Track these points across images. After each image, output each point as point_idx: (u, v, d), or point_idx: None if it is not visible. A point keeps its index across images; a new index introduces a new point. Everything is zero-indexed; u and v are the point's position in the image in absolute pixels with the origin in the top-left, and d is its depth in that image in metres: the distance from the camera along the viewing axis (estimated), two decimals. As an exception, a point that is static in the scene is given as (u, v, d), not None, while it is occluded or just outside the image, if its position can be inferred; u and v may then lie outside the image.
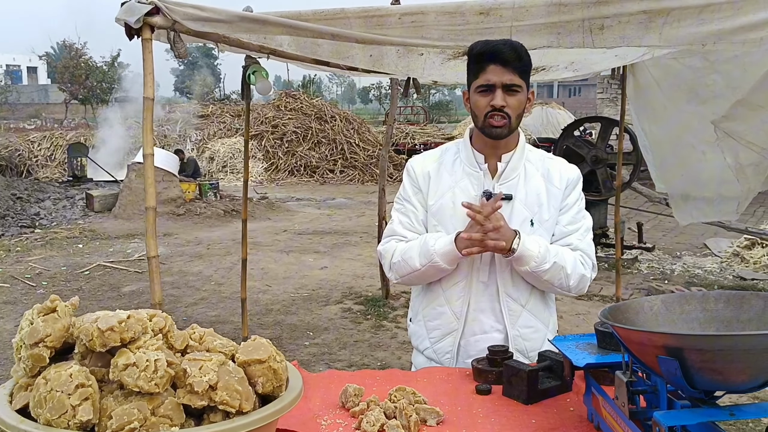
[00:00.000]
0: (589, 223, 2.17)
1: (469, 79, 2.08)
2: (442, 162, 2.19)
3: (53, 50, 41.09)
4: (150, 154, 2.39)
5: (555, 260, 2.02)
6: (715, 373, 1.18)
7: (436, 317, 2.20)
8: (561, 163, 2.19)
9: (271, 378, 1.24)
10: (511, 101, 2.00)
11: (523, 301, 2.13)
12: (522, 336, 2.14)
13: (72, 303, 1.24)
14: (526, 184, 2.10)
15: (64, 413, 1.07)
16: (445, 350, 2.19)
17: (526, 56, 2.01)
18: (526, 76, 2.03)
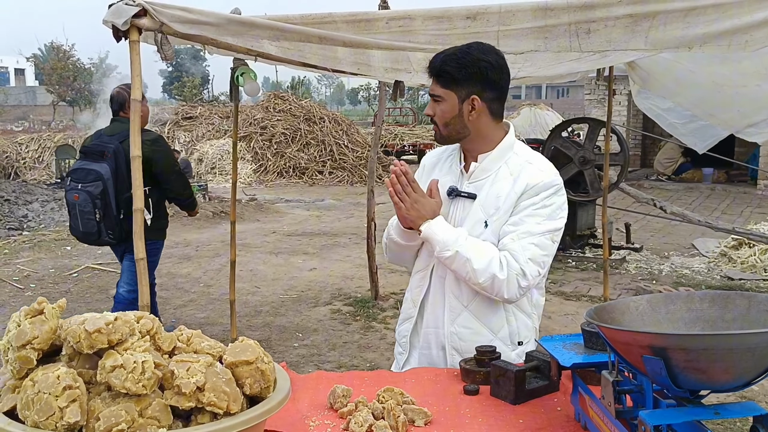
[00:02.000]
0: (535, 228, 2.03)
1: None
2: (441, 157, 2.28)
3: (41, 52, 40.85)
4: (137, 156, 2.38)
5: (458, 250, 2.00)
6: (699, 373, 1.19)
7: (404, 302, 2.32)
8: (535, 168, 2.10)
9: (259, 379, 1.24)
10: (436, 110, 2.10)
11: (466, 300, 2.13)
12: (458, 335, 2.15)
13: (59, 305, 1.24)
14: (492, 186, 2.10)
15: (52, 415, 1.07)
16: (402, 334, 2.29)
17: (446, 66, 2.05)
18: (452, 85, 2.06)
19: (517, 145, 2.18)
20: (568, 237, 8.59)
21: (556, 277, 7.70)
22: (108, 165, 4.31)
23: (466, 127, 2.11)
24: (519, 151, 2.17)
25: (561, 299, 6.79)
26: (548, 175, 2.09)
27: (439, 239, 2.02)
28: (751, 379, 1.22)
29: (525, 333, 2.20)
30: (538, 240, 2.02)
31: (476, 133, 2.12)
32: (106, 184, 4.29)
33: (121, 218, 4.32)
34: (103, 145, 4.44)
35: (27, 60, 39.06)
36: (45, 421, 1.07)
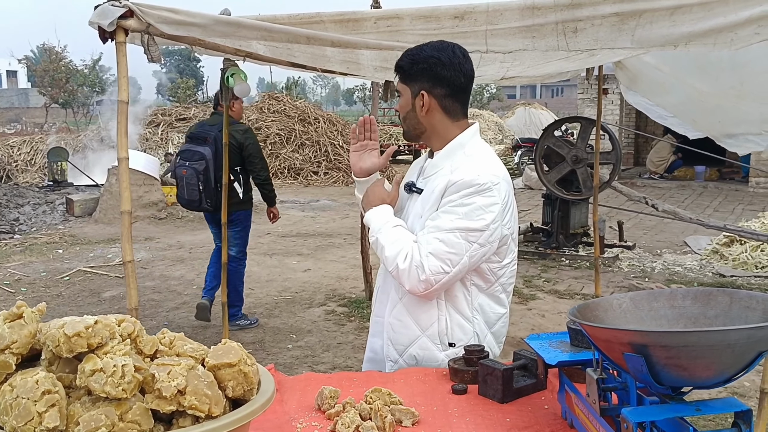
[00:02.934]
0: (445, 224, 1.98)
1: None
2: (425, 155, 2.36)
3: (33, 54, 40.70)
4: (124, 158, 2.38)
5: (378, 237, 2.10)
6: (680, 369, 1.19)
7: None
8: (466, 167, 2.06)
9: (242, 382, 1.24)
10: (398, 104, 2.20)
11: (402, 292, 2.15)
12: (392, 326, 2.19)
13: (39, 309, 1.23)
14: (434, 182, 2.13)
15: (30, 420, 1.07)
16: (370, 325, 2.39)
17: (404, 62, 2.13)
18: (408, 80, 2.13)
19: (470, 145, 2.12)
20: (562, 235, 8.61)
21: (550, 275, 7.71)
22: (209, 148, 5.48)
23: (421, 123, 2.15)
24: (469, 151, 2.11)
25: (554, 297, 6.81)
26: (474, 174, 2.00)
27: (372, 225, 2.13)
28: (732, 375, 1.22)
29: (459, 335, 2.12)
30: (445, 236, 1.97)
31: (431, 130, 2.16)
32: (208, 163, 5.43)
33: (218, 190, 5.31)
34: (206, 132, 5.61)
35: (19, 62, 38.88)
36: (24, 426, 1.06)
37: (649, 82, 4.14)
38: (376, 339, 2.30)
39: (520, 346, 5.04)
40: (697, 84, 3.93)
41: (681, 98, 4.15)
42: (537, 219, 9.65)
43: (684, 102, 4.17)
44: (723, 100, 3.97)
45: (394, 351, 2.19)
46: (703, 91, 4.01)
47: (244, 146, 5.64)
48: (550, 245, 8.66)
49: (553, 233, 8.69)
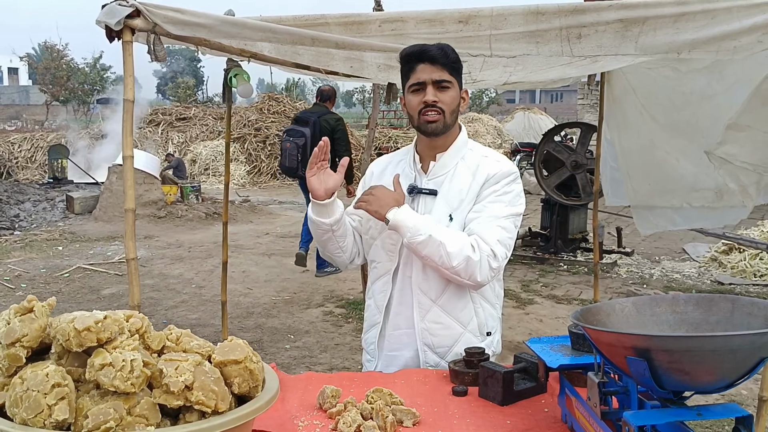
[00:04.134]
0: (499, 212, 2.08)
1: (403, 82, 2.17)
2: (391, 161, 2.32)
3: (34, 51, 40.70)
4: (129, 156, 2.39)
5: (431, 233, 2.00)
6: (682, 374, 1.21)
7: (366, 309, 2.34)
8: (492, 160, 2.18)
9: (248, 378, 1.25)
10: (443, 97, 2.08)
11: (434, 295, 2.15)
12: (429, 330, 2.17)
13: (49, 303, 1.25)
14: (452, 181, 2.15)
15: (40, 412, 1.08)
16: (370, 341, 2.31)
17: (453, 54, 2.09)
18: (456, 74, 2.11)
19: (470, 142, 2.24)
20: (560, 240, 8.62)
21: (548, 280, 7.73)
22: (309, 129, 7.18)
23: (456, 120, 2.16)
24: (473, 147, 2.23)
25: (552, 302, 6.82)
26: (505, 164, 2.16)
27: (409, 225, 2.03)
28: (733, 381, 1.23)
29: (492, 323, 2.23)
30: (504, 223, 2.08)
31: (453, 128, 2.17)
32: (307, 140, 7.11)
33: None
34: (307, 117, 7.40)
35: (20, 59, 38.86)
36: (33, 418, 1.07)
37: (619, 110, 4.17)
38: (403, 353, 2.21)
39: (519, 349, 5.05)
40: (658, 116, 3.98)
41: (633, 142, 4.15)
42: (536, 224, 9.67)
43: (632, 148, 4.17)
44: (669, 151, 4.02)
45: (435, 355, 2.17)
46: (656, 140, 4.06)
47: (335, 131, 7.19)
48: (549, 250, 8.68)
49: (551, 238, 8.71)
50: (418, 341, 2.18)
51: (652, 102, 4.01)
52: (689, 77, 3.77)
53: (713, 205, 4.05)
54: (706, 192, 4.06)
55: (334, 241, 2.26)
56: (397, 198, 2.09)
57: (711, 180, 4.00)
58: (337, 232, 2.23)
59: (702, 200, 4.07)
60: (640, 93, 4.03)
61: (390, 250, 2.19)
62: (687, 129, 3.94)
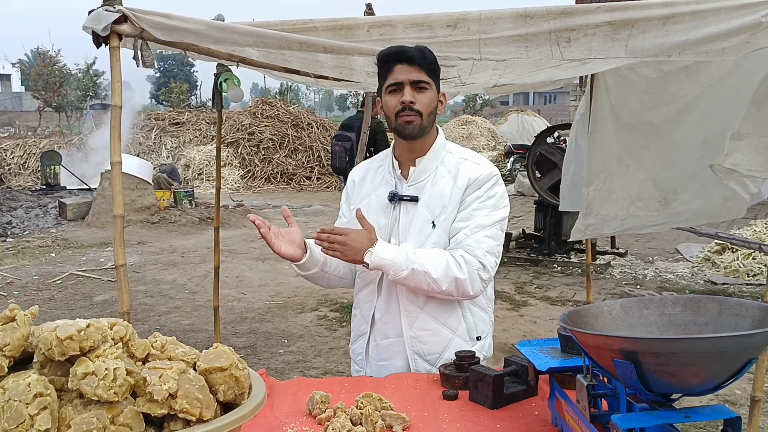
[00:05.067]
0: (484, 220, 2.07)
1: (380, 84, 2.14)
2: (370, 168, 2.29)
3: (27, 57, 40.59)
4: (117, 162, 2.37)
5: (413, 267, 2.00)
6: (670, 376, 1.20)
7: (353, 319, 2.32)
8: (472, 163, 2.16)
9: (233, 386, 1.24)
10: (420, 98, 2.06)
11: (421, 303, 2.14)
12: (418, 338, 2.16)
13: (31, 312, 1.23)
14: (433, 187, 2.13)
15: (22, 423, 1.06)
16: (357, 351, 2.30)
17: (430, 55, 2.07)
18: (433, 75, 2.09)
19: (448, 144, 2.22)
20: (554, 242, 8.63)
21: (542, 282, 7.73)
22: (354, 134, 8.38)
23: (432, 123, 2.13)
24: (452, 150, 2.21)
25: (546, 304, 6.82)
26: (486, 167, 2.15)
27: (389, 263, 2.01)
28: (721, 383, 1.23)
29: (482, 328, 2.22)
30: (491, 231, 2.08)
31: (430, 131, 2.14)
32: (353, 143, 8.40)
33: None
34: (352, 123, 8.72)
35: (13, 65, 38.77)
36: (15, 429, 1.06)
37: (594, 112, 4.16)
38: (393, 362, 2.18)
39: (511, 352, 5.05)
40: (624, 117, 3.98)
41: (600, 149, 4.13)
42: (529, 225, 9.68)
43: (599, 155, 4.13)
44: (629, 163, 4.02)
45: (425, 363, 2.16)
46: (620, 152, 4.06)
47: (376, 132, 8.26)
48: (542, 252, 8.68)
49: (545, 240, 8.71)
50: (407, 350, 2.16)
51: (622, 102, 4.01)
52: (665, 79, 3.78)
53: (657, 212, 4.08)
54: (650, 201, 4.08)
55: (331, 277, 2.28)
56: (369, 237, 2.04)
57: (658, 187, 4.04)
58: (329, 269, 2.25)
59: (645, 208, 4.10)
60: (612, 94, 4.03)
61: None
62: (649, 130, 3.96)
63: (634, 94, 3.96)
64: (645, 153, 4.01)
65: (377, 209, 2.17)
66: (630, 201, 4.12)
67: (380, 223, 2.14)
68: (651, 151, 3.97)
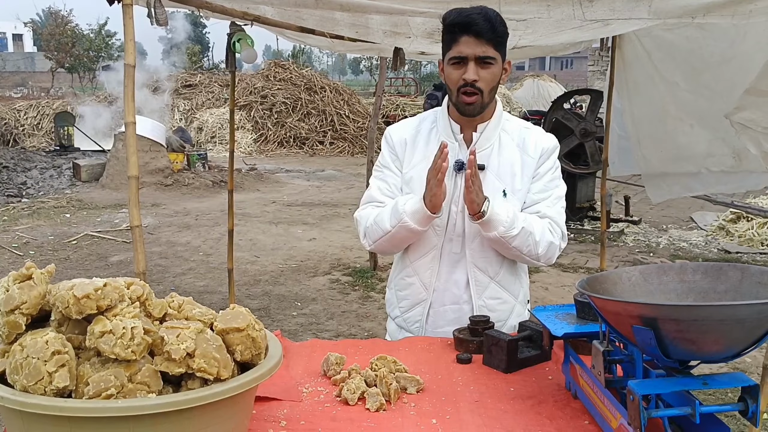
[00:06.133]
0: (561, 191, 2.13)
1: (443, 49, 2.03)
2: (420, 131, 2.17)
3: (39, 17, 40.43)
4: (132, 123, 2.36)
5: (523, 225, 1.99)
6: (689, 343, 1.19)
7: (406, 287, 2.22)
8: (537, 132, 2.15)
9: (250, 346, 1.25)
10: (484, 74, 1.95)
11: (492, 272, 2.12)
12: (488, 307, 2.14)
13: (48, 270, 1.24)
14: (500, 155, 2.08)
15: (41, 380, 1.07)
16: (414, 319, 2.22)
17: (501, 27, 1.94)
18: (501, 47, 1.97)
19: (504, 112, 2.17)
20: (567, 209, 8.58)
21: (555, 248, 7.71)
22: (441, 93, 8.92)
23: (494, 96, 2.05)
24: (508, 117, 2.17)
25: (558, 271, 6.81)
26: (552, 137, 2.15)
27: (503, 219, 1.97)
28: (740, 351, 1.22)
29: (527, 290, 2.27)
30: (563, 203, 2.13)
31: (489, 103, 2.05)
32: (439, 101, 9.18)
33: None
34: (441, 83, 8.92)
35: (25, 25, 38.61)
36: (34, 385, 1.07)
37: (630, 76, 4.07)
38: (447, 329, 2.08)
39: (523, 318, 5.06)
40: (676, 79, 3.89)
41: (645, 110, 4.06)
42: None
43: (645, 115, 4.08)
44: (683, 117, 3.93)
45: None
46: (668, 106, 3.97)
47: None
48: (556, 219, 8.64)
49: (559, 207, 8.67)
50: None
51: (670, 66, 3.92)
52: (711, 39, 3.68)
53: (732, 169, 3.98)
54: (724, 157, 3.98)
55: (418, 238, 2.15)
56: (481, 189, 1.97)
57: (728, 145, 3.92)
58: None
59: (720, 165, 4.00)
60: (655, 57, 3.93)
61: (437, 225, 2.09)
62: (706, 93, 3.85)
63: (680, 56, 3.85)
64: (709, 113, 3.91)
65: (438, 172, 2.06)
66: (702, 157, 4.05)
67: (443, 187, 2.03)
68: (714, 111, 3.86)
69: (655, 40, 3.94)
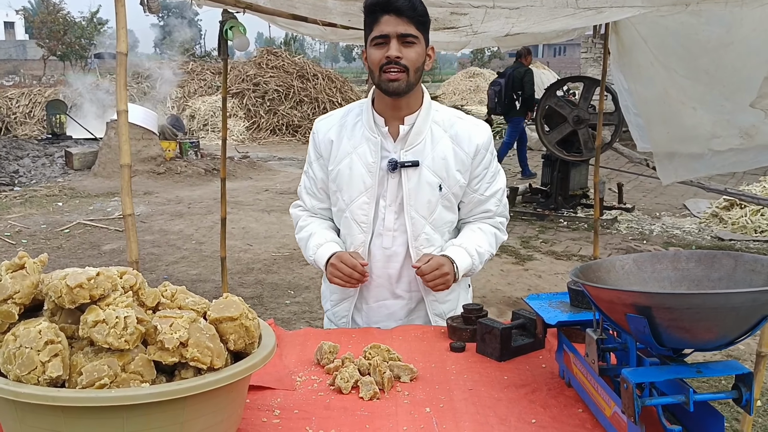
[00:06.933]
0: (502, 182, 2.19)
1: (366, 34, 2.00)
2: (344, 125, 2.13)
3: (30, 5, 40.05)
4: (124, 111, 2.34)
5: (485, 258, 2.14)
6: (683, 331, 1.19)
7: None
8: (470, 124, 2.11)
9: (243, 335, 1.24)
10: (407, 53, 1.93)
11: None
12: (438, 300, 2.16)
13: (40, 260, 1.23)
14: (433, 150, 2.05)
15: (34, 369, 1.07)
16: (341, 314, 2.24)
17: (420, 6, 1.94)
18: (423, 28, 1.96)
19: (433, 102, 2.13)
20: (561, 197, 8.60)
21: (548, 236, 7.73)
22: (504, 79, 10.56)
23: (420, 79, 2.02)
24: (437, 107, 2.13)
25: (552, 258, 6.83)
26: (485, 128, 2.14)
27: (469, 267, 2.10)
28: (734, 338, 1.22)
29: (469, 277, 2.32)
30: (504, 193, 2.23)
31: (417, 88, 2.03)
32: (502, 87, 10.59)
33: (506, 103, 10.63)
34: (505, 71, 10.73)
35: (17, 13, 38.29)
36: (27, 375, 1.06)
37: (632, 60, 4.06)
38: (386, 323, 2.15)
39: (517, 305, 5.07)
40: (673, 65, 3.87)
41: (650, 91, 4.05)
42: (536, 180, 9.63)
43: (650, 97, 4.06)
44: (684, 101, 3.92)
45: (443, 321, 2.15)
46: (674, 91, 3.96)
47: (523, 79, 10.47)
48: (549, 206, 8.66)
49: (552, 194, 8.68)
50: (429, 313, 2.17)
51: (665, 52, 3.89)
52: (706, 25, 3.65)
53: (742, 146, 3.96)
54: (730, 137, 3.95)
55: None
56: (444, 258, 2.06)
57: (733, 126, 3.90)
58: None
59: (726, 144, 3.97)
60: (651, 43, 3.90)
61: (362, 222, 2.09)
62: (705, 78, 3.82)
63: (676, 41, 3.82)
64: (709, 97, 3.89)
65: (362, 170, 2.05)
66: (706, 138, 4.03)
67: (366, 184, 2.05)
68: (715, 95, 3.84)
69: (650, 26, 3.92)
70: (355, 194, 2.07)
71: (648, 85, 4.07)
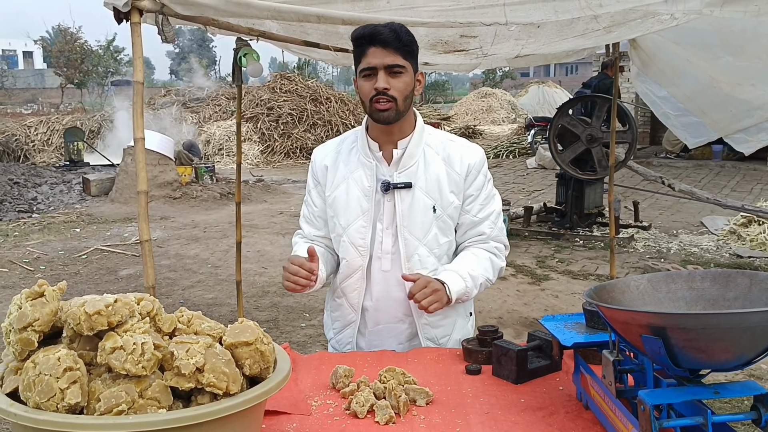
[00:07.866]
0: (497, 205, 2.17)
1: (355, 65, 2.06)
2: (340, 152, 2.18)
3: (48, 34, 40.79)
4: (140, 138, 2.38)
5: (480, 282, 2.09)
6: (699, 352, 1.19)
7: (336, 309, 2.27)
8: (462, 146, 2.13)
9: (259, 360, 1.25)
10: (395, 83, 1.97)
11: None
12: (431, 324, 2.15)
13: (59, 287, 1.25)
14: (426, 171, 2.08)
15: (53, 396, 1.08)
16: (345, 341, 2.25)
17: (406, 36, 1.97)
18: (410, 57, 1.99)
19: (426, 126, 2.16)
20: (576, 216, 8.56)
21: (564, 256, 7.69)
22: (590, 90, 9.68)
23: (410, 106, 2.06)
24: (430, 130, 2.16)
25: (568, 278, 6.79)
26: (477, 150, 2.15)
27: (463, 291, 2.05)
28: (752, 358, 1.21)
29: (471, 303, 2.28)
30: (501, 215, 2.20)
31: (408, 113, 2.07)
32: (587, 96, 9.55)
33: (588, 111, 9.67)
34: (591, 81, 10.42)
35: (35, 43, 39.00)
36: (46, 402, 1.08)
37: (662, 65, 4.06)
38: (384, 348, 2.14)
39: (533, 326, 5.04)
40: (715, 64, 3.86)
41: (693, 85, 4.06)
42: (550, 199, 9.60)
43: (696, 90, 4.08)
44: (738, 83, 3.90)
45: (438, 347, 2.15)
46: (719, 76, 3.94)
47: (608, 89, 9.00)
48: (564, 225, 8.62)
49: (567, 213, 8.64)
50: (420, 337, 2.15)
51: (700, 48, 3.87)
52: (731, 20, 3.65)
53: None
54: None
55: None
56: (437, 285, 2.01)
57: None
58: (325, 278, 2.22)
59: None
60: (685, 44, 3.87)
61: (360, 245, 2.11)
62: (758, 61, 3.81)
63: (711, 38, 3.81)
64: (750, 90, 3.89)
65: (358, 194, 2.09)
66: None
67: (363, 207, 2.08)
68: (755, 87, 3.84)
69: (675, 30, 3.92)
70: (352, 218, 2.10)
71: (690, 81, 4.07)
